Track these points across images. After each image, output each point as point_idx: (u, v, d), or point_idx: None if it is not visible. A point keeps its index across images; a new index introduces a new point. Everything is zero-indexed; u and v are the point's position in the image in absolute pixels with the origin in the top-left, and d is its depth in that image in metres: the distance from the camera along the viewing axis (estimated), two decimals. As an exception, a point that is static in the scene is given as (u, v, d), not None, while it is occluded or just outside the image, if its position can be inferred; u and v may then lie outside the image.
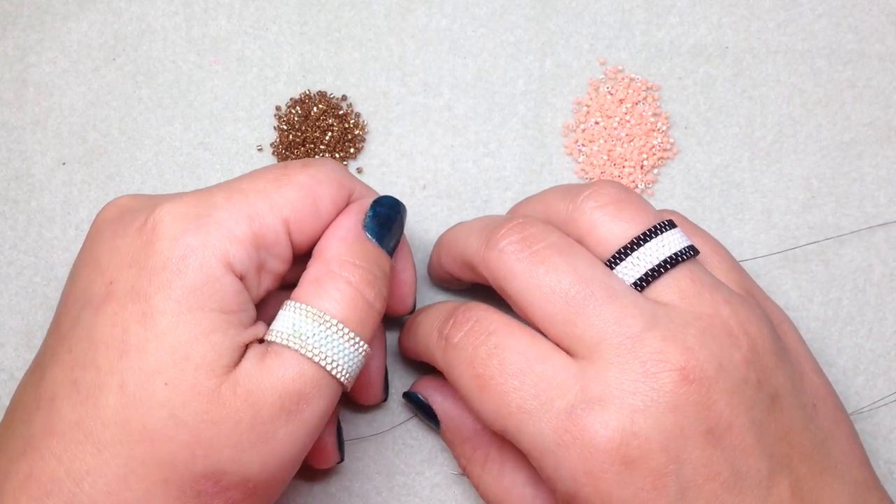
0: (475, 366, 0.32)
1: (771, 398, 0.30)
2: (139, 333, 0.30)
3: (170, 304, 0.30)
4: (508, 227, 0.33)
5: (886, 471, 0.39)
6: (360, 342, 0.32)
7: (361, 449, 0.39)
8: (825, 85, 0.42)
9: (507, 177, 0.41)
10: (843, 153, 0.41)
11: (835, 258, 0.41)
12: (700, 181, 0.41)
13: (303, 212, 0.32)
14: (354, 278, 0.32)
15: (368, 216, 0.34)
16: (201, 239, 0.30)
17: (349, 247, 0.33)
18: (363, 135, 0.41)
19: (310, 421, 0.31)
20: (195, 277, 0.30)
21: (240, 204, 0.32)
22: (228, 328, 0.30)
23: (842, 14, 0.42)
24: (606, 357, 0.30)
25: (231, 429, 0.30)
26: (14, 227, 0.41)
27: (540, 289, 0.32)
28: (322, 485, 0.39)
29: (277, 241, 0.32)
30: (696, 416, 0.29)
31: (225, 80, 0.42)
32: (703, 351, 0.30)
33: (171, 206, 0.31)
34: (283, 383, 0.30)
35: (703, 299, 0.31)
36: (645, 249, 0.32)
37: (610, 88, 0.42)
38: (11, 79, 0.42)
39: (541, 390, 0.30)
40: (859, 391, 0.40)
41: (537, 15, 0.42)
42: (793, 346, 0.33)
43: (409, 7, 0.42)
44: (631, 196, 0.33)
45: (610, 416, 0.29)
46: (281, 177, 0.33)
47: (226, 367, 0.30)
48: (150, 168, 0.41)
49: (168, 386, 0.29)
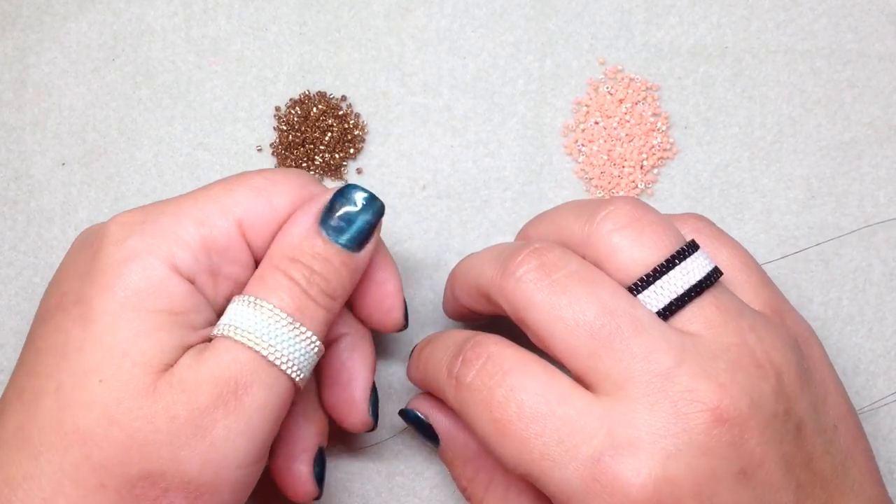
0: (492, 410, 0.30)
1: (797, 427, 0.29)
2: (78, 335, 0.29)
3: (111, 304, 0.29)
4: (525, 253, 0.31)
5: (887, 470, 0.39)
6: (301, 329, 0.31)
7: (361, 450, 0.39)
8: (825, 85, 0.42)
9: (507, 177, 0.41)
10: (843, 153, 0.41)
11: (834, 258, 0.41)
12: (700, 181, 0.41)
13: (256, 213, 0.32)
14: (296, 275, 0.31)
15: (325, 209, 0.32)
16: (145, 242, 0.30)
17: (296, 242, 0.31)
18: (363, 135, 0.41)
19: (250, 412, 0.30)
20: (137, 279, 0.30)
21: (189, 209, 0.31)
22: (176, 328, 0.30)
23: (842, 14, 0.42)
24: (634, 396, 0.28)
25: (167, 424, 0.29)
26: (13, 227, 0.41)
27: (563, 321, 0.30)
28: (322, 485, 0.39)
29: (231, 244, 0.31)
30: (728, 458, 0.28)
31: (224, 80, 0.42)
32: (735, 387, 0.28)
33: (122, 215, 0.31)
34: (218, 370, 0.29)
35: (729, 328, 0.30)
36: (669, 278, 0.30)
37: (610, 88, 0.42)
38: (11, 79, 0.42)
39: (565, 435, 0.29)
40: (859, 391, 0.40)
41: (537, 15, 0.42)
42: (817, 365, 0.32)
43: (409, 7, 0.42)
44: (650, 215, 0.32)
45: (641, 462, 0.28)
46: (234, 180, 0.32)
47: (168, 364, 0.30)
48: (149, 168, 0.41)
49: (102, 383, 0.29)
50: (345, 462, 0.39)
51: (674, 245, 0.31)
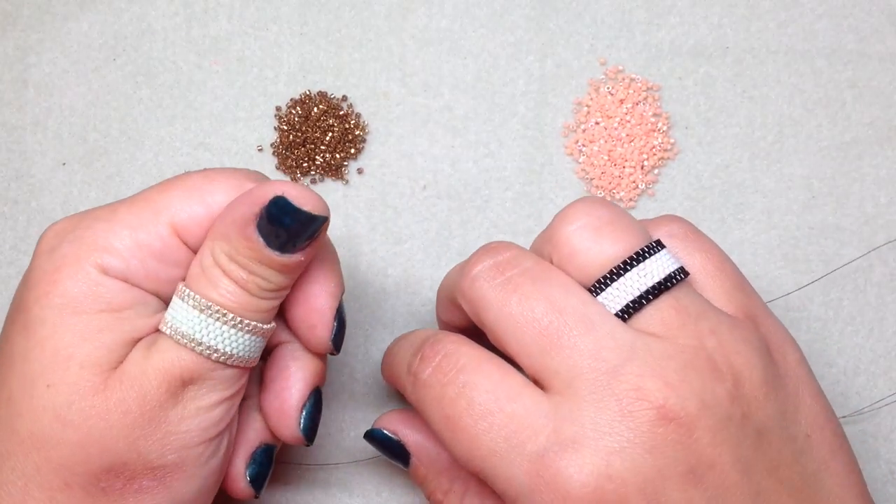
0: (444, 406, 0.30)
1: (757, 433, 0.29)
2: (21, 343, 0.30)
3: (49, 311, 0.30)
4: (480, 253, 0.32)
5: (887, 471, 0.39)
6: (242, 322, 0.31)
7: (361, 450, 0.39)
8: (826, 85, 0.42)
9: (508, 177, 0.41)
10: (844, 153, 0.41)
11: (835, 258, 0.41)
12: (700, 181, 0.41)
13: (191, 214, 0.31)
14: (232, 272, 0.30)
15: (262, 216, 0.30)
16: (75, 250, 0.30)
17: (232, 239, 0.30)
18: (363, 135, 0.41)
19: (201, 400, 0.31)
20: (72, 285, 0.30)
21: (122, 214, 0.31)
22: (120, 325, 0.30)
23: (842, 14, 0.42)
24: (581, 394, 0.28)
25: (120, 419, 0.29)
26: (14, 227, 0.41)
27: (513, 318, 0.30)
28: (322, 485, 0.39)
29: (166, 248, 0.31)
30: (675, 457, 0.28)
31: (225, 80, 0.42)
32: (684, 387, 0.28)
33: (58, 223, 0.32)
34: (164, 367, 0.30)
35: (686, 331, 0.29)
36: (626, 279, 0.30)
37: (610, 89, 0.42)
38: (11, 79, 0.42)
39: (512, 432, 0.29)
40: (860, 391, 0.40)
41: (537, 15, 0.42)
42: (792, 372, 0.31)
43: (410, 7, 0.42)
44: (613, 214, 0.31)
45: (584, 459, 0.28)
46: (171, 182, 0.32)
47: (117, 361, 0.30)
48: (150, 168, 0.41)
49: (51, 388, 0.29)
50: (345, 462, 0.39)
51: (634, 245, 0.31)
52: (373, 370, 0.40)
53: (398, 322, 0.40)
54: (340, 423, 0.40)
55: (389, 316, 0.41)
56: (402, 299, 0.41)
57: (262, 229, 0.30)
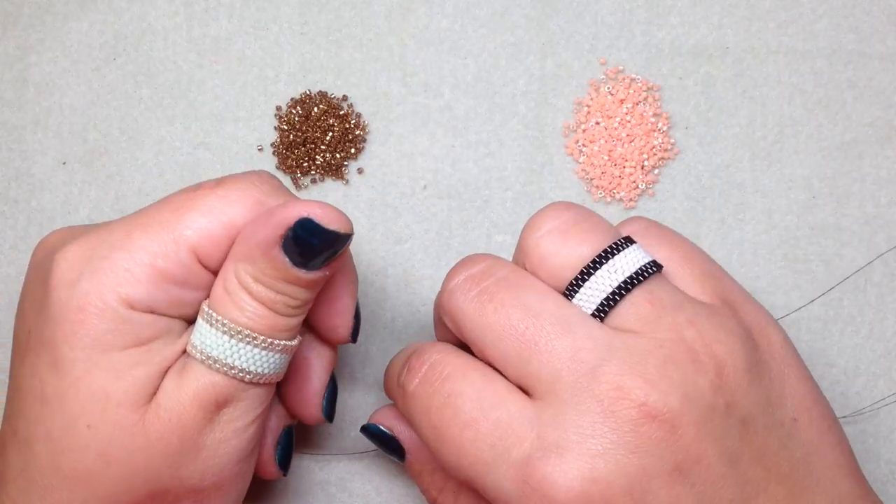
0: (431, 417, 0.30)
1: (742, 422, 0.29)
2: (53, 383, 0.30)
3: (80, 352, 0.29)
4: (457, 267, 0.32)
5: (888, 471, 0.39)
6: (270, 341, 0.31)
7: (362, 448, 0.39)
8: (826, 85, 0.42)
9: (508, 177, 0.41)
10: (844, 153, 0.41)
11: (835, 259, 0.41)
12: (701, 181, 0.41)
13: (212, 239, 0.30)
14: (259, 295, 0.30)
15: (288, 237, 0.30)
16: (96, 284, 0.29)
17: (257, 259, 0.30)
18: (364, 135, 0.41)
19: (236, 419, 0.31)
20: (99, 323, 0.29)
21: (139, 241, 0.30)
22: (151, 357, 0.30)
23: (842, 14, 0.42)
24: (563, 397, 0.28)
25: (162, 451, 0.30)
26: (14, 226, 0.41)
27: (490, 328, 0.30)
28: (322, 485, 0.39)
29: (188, 273, 0.30)
30: (660, 454, 0.28)
31: (225, 79, 0.42)
32: (665, 382, 0.28)
33: (67, 251, 0.30)
34: (199, 395, 0.30)
35: (663, 323, 0.29)
36: (596, 277, 0.30)
37: (610, 89, 0.42)
38: (12, 78, 0.42)
39: (497, 440, 0.29)
40: (860, 392, 0.40)
41: (538, 15, 0.42)
42: (776, 354, 0.31)
43: (410, 7, 0.42)
44: (578, 215, 0.31)
45: (568, 464, 0.28)
46: (186, 202, 0.31)
47: (151, 394, 0.30)
48: (150, 168, 0.41)
49: (91, 428, 0.29)
50: (345, 462, 0.39)
51: (602, 243, 0.31)
52: (373, 370, 0.40)
53: (398, 322, 0.40)
54: (340, 423, 0.40)
55: (389, 316, 0.41)
56: (402, 299, 0.41)
57: (287, 249, 0.30)
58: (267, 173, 0.33)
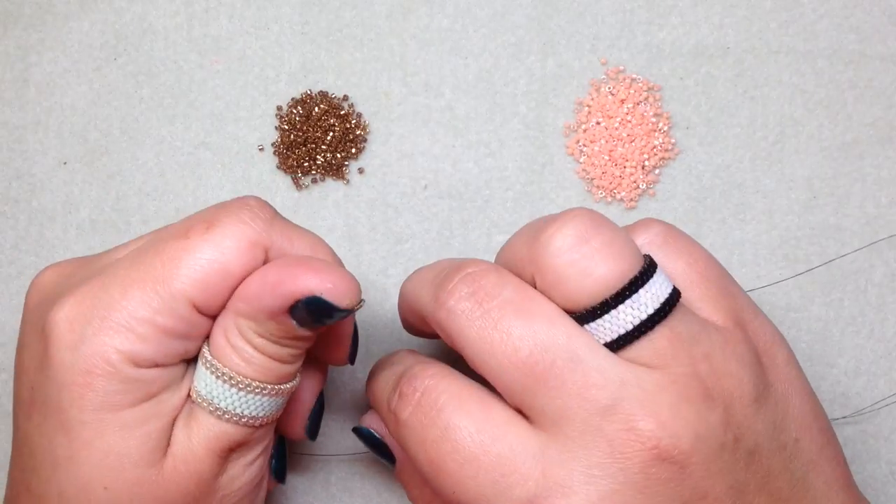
0: (427, 449, 0.29)
1: (749, 453, 0.28)
2: (64, 445, 0.29)
3: (88, 415, 0.29)
4: (457, 280, 0.29)
5: (888, 472, 0.39)
6: (276, 390, 0.31)
7: (363, 450, 0.39)
8: (827, 85, 0.42)
9: (509, 177, 0.41)
10: (845, 154, 0.41)
11: (836, 258, 0.41)
12: (701, 181, 0.41)
13: (208, 290, 0.29)
14: (262, 347, 0.30)
15: (298, 307, 0.29)
16: (100, 347, 0.29)
17: (262, 322, 0.29)
18: (364, 135, 0.41)
19: (246, 457, 0.32)
20: (106, 386, 0.29)
21: (137, 300, 0.29)
22: (160, 409, 0.30)
23: (843, 14, 0.42)
24: (570, 435, 0.27)
25: (183, 500, 0.30)
26: (15, 226, 0.41)
27: (495, 357, 0.28)
28: (323, 484, 0.39)
29: (189, 325, 0.30)
30: (668, 494, 0.27)
31: (226, 79, 0.42)
32: (679, 422, 0.27)
33: (64, 309, 0.30)
34: (211, 444, 0.30)
35: (679, 359, 0.28)
36: (618, 312, 0.28)
37: (611, 89, 0.42)
38: (12, 78, 0.42)
39: (499, 476, 0.28)
40: (861, 392, 0.40)
41: (539, 15, 0.42)
42: (781, 374, 0.31)
43: (411, 7, 0.42)
44: (601, 234, 0.29)
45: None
46: (179, 252, 0.29)
47: (165, 447, 0.30)
48: (150, 168, 0.41)
49: (109, 490, 0.29)
50: (347, 462, 0.39)
51: (626, 273, 0.28)
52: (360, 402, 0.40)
53: (398, 322, 0.40)
54: (342, 423, 0.40)
55: (390, 316, 0.41)
56: (402, 299, 0.41)
57: (295, 316, 0.29)
58: (257, 202, 0.31)
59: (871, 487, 0.39)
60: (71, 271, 0.32)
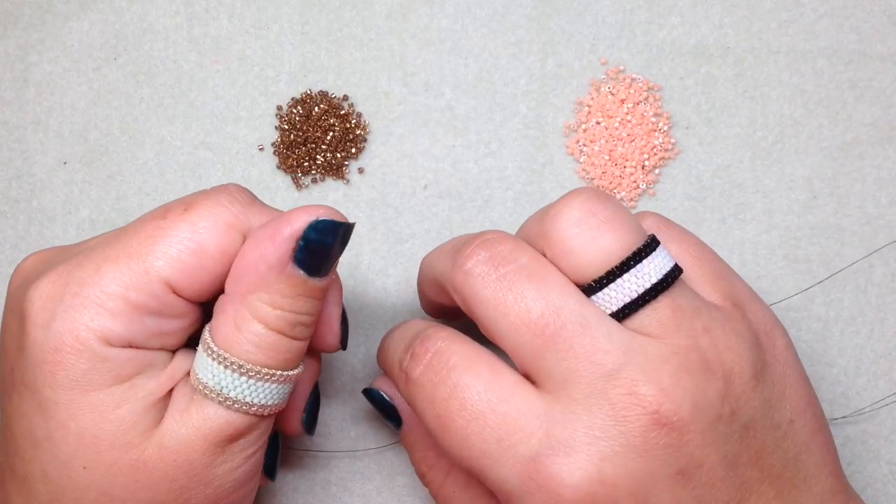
0: (436, 406, 0.30)
1: (744, 427, 0.29)
2: (41, 425, 0.29)
3: (60, 393, 0.29)
4: (475, 245, 0.31)
5: (888, 471, 0.39)
6: (284, 377, 0.31)
7: (363, 449, 0.39)
8: (827, 85, 0.42)
9: (509, 177, 0.41)
10: (845, 153, 0.41)
11: (836, 259, 0.41)
12: (701, 181, 0.41)
13: (184, 270, 0.30)
14: (275, 322, 0.30)
15: (300, 247, 0.29)
16: (70, 324, 0.29)
17: (271, 284, 0.30)
18: (364, 135, 0.41)
19: (248, 449, 0.31)
20: (77, 364, 0.29)
21: (110, 275, 0.29)
22: (133, 394, 0.30)
23: (843, 14, 0.42)
24: (575, 396, 0.28)
25: (168, 486, 0.30)
26: (15, 226, 0.41)
27: (508, 318, 0.29)
28: (322, 484, 0.39)
29: (163, 304, 0.30)
30: (666, 459, 0.28)
31: (226, 79, 0.42)
32: (678, 391, 0.28)
33: (39, 288, 0.30)
34: (211, 433, 0.30)
35: (681, 331, 0.29)
36: (623, 281, 0.29)
37: (611, 88, 0.42)
38: (13, 78, 0.42)
39: (504, 434, 0.29)
40: (861, 392, 0.40)
41: (539, 15, 0.42)
42: (779, 357, 0.32)
43: (411, 7, 0.42)
44: (608, 210, 0.30)
45: (576, 463, 0.28)
46: (155, 231, 0.30)
47: (142, 433, 0.30)
48: (150, 167, 0.41)
49: (88, 469, 0.29)
50: (346, 461, 0.39)
51: (630, 245, 0.30)
52: (374, 369, 0.40)
53: (399, 321, 0.40)
54: (342, 422, 0.40)
55: (390, 315, 0.41)
56: (402, 299, 0.41)
57: (299, 262, 0.30)
58: (237, 187, 0.32)
59: (871, 487, 0.39)
60: (52, 256, 0.32)
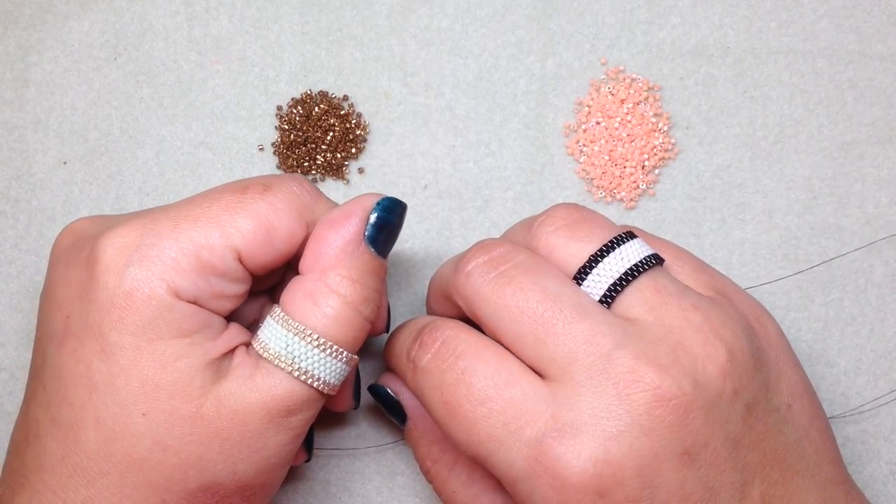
0: (443, 392, 0.31)
1: (746, 407, 0.30)
2: (102, 369, 0.30)
3: (126, 338, 0.30)
4: (474, 249, 0.33)
5: (888, 471, 0.39)
6: (350, 358, 0.32)
7: (362, 449, 0.39)
8: (827, 85, 0.42)
9: (509, 177, 0.41)
10: (845, 153, 0.41)
11: (836, 258, 0.41)
12: (701, 181, 0.41)
13: (255, 243, 0.32)
14: (351, 295, 0.32)
15: (372, 224, 0.32)
16: (145, 272, 0.30)
17: (348, 259, 0.32)
18: (364, 135, 0.41)
19: (298, 428, 0.32)
20: (146, 311, 0.30)
21: (187, 233, 0.31)
22: (193, 350, 0.30)
23: (843, 14, 0.42)
24: (578, 379, 0.29)
25: (220, 445, 0.30)
26: (15, 226, 0.41)
27: (508, 309, 0.31)
28: (322, 484, 0.39)
29: (228, 268, 0.31)
30: (671, 438, 0.28)
31: (226, 79, 0.42)
32: (677, 368, 0.29)
33: (114, 236, 0.31)
34: (273, 401, 0.31)
35: (670, 310, 0.30)
36: (604, 264, 0.31)
37: (611, 89, 0.42)
38: (13, 78, 0.42)
39: (510, 418, 0.29)
40: (860, 391, 0.40)
41: (539, 15, 0.42)
42: (772, 343, 0.32)
43: (411, 7, 0.42)
44: (585, 214, 0.33)
45: (582, 445, 0.28)
46: (236, 203, 0.32)
47: (200, 388, 0.30)
48: (151, 167, 0.41)
49: (147, 416, 0.30)
50: (346, 461, 0.39)
51: (607, 235, 0.32)
52: (374, 369, 0.40)
53: (399, 321, 0.40)
54: (342, 422, 0.40)
55: (391, 315, 0.41)
56: (402, 299, 0.41)
57: (370, 239, 0.32)
58: (307, 181, 0.34)
59: (871, 487, 0.39)
60: (104, 218, 0.34)
